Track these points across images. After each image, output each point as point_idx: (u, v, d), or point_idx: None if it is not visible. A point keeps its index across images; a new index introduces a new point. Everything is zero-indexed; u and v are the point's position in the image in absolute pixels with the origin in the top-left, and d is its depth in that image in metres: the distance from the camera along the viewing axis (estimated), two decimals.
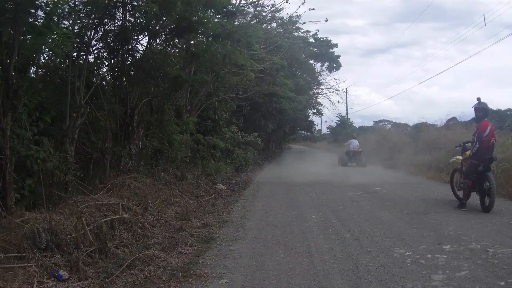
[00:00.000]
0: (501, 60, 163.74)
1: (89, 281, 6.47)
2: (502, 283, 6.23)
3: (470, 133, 12.72)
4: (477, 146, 12.09)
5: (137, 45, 14.92)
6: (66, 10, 10.73)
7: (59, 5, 9.72)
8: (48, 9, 9.43)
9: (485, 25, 47.09)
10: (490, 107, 12.55)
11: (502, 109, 55.81)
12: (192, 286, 6.44)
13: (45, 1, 9.51)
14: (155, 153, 16.92)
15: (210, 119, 25.66)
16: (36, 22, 9.53)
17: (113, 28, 13.59)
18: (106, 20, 12.87)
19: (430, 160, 23.39)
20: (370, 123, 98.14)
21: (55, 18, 9.96)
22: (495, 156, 12.41)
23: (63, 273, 6.48)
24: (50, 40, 10.05)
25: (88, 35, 12.24)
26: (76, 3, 11.43)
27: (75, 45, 11.57)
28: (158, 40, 15.16)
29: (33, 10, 9.06)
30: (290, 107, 39.21)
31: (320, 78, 56.74)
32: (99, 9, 11.55)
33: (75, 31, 11.76)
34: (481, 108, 12.26)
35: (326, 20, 33.73)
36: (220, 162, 23.28)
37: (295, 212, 12.43)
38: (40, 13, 9.58)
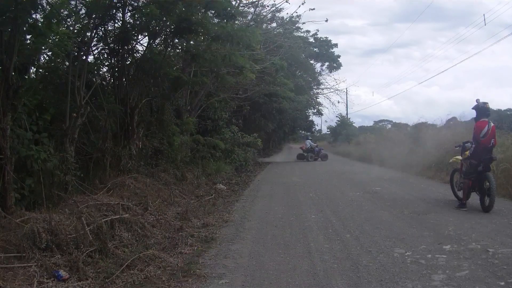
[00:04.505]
0: (501, 60, 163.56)
1: (89, 281, 6.49)
2: (502, 283, 6.23)
3: (471, 133, 12.70)
4: (473, 146, 12.13)
5: (137, 46, 14.96)
6: (66, 12, 10.76)
7: (59, 8, 9.76)
8: (47, 11, 9.46)
9: (485, 25, 47.15)
10: (490, 107, 12.53)
11: (502, 109, 55.63)
12: (192, 286, 6.46)
13: (45, 2, 9.55)
14: (155, 153, 16.93)
15: (210, 119, 25.66)
16: (37, 22, 9.56)
17: (113, 28, 13.61)
18: (106, 20, 12.89)
19: (430, 160, 23.32)
20: (370, 123, 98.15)
21: (54, 20, 9.96)
22: (495, 156, 12.43)
23: (63, 273, 6.48)
24: (50, 40, 10.06)
25: (88, 35, 12.24)
26: (77, 3, 11.46)
27: (75, 45, 11.56)
28: (158, 41, 15.16)
29: (33, 11, 9.09)
30: (290, 107, 39.28)
31: (320, 78, 56.65)
32: (99, 9, 11.56)
33: (75, 31, 11.78)
34: (479, 108, 12.29)
35: (326, 20, 33.59)
36: (220, 162, 23.27)
37: (295, 212, 12.44)
38: (41, 14, 9.62)
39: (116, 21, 13.53)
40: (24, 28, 9.15)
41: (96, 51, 13.83)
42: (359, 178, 22.23)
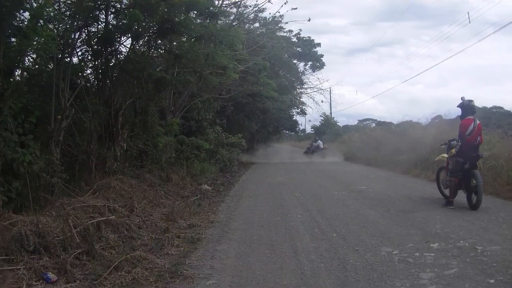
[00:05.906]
0: (486, 58, 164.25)
1: (77, 283, 6.48)
2: (492, 281, 6.28)
3: (456, 131, 12.76)
4: (459, 144, 12.20)
5: (120, 47, 14.92)
6: (52, 14, 10.71)
7: (45, 8, 9.72)
8: (33, 12, 9.43)
9: (469, 22, 47.43)
10: (476, 105, 12.62)
11: (488, 107, 55.85)
12: (179, 287, 6.45)
13: (30, 4, 9.52)
14: (139, 155, 16.87)
15: (194, 120, 25.59)
16: (22, 25, 9.52)
17: (96, 30, 13.58)
18: (89, 22, 12.86)
19: (415, 158, 23.42)
20: (355, 122, 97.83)
21: (41, 21, 9.93)
22: (481, 153, 12.51)
23: (51, 275, 6.48)
24: (35, 43, 10.02)
25: (72, 37, 12.21)
26: (61, 5, 11.42)
27: (60, 47, 11.52)
28: (141, 42, 15.13)
29: (18, 13, 9.06)
30: (274, 107, 39.17)
31: (303, 77, 56.49)
32: (82, 11, 11.53)
33: (60, 33, 11.74)
34: (465, 106, 12.38)
35: (309, 20, 33.45)
36: (204, 163, 23.17)
37: (281, 212, 12.45)
38: (26, 15, 9.58)
39: (100, 22, 13.51)
40: (9, 31, 9.11)
41: (80, 53, 13.80)
42: (344, 177, 22.33)
